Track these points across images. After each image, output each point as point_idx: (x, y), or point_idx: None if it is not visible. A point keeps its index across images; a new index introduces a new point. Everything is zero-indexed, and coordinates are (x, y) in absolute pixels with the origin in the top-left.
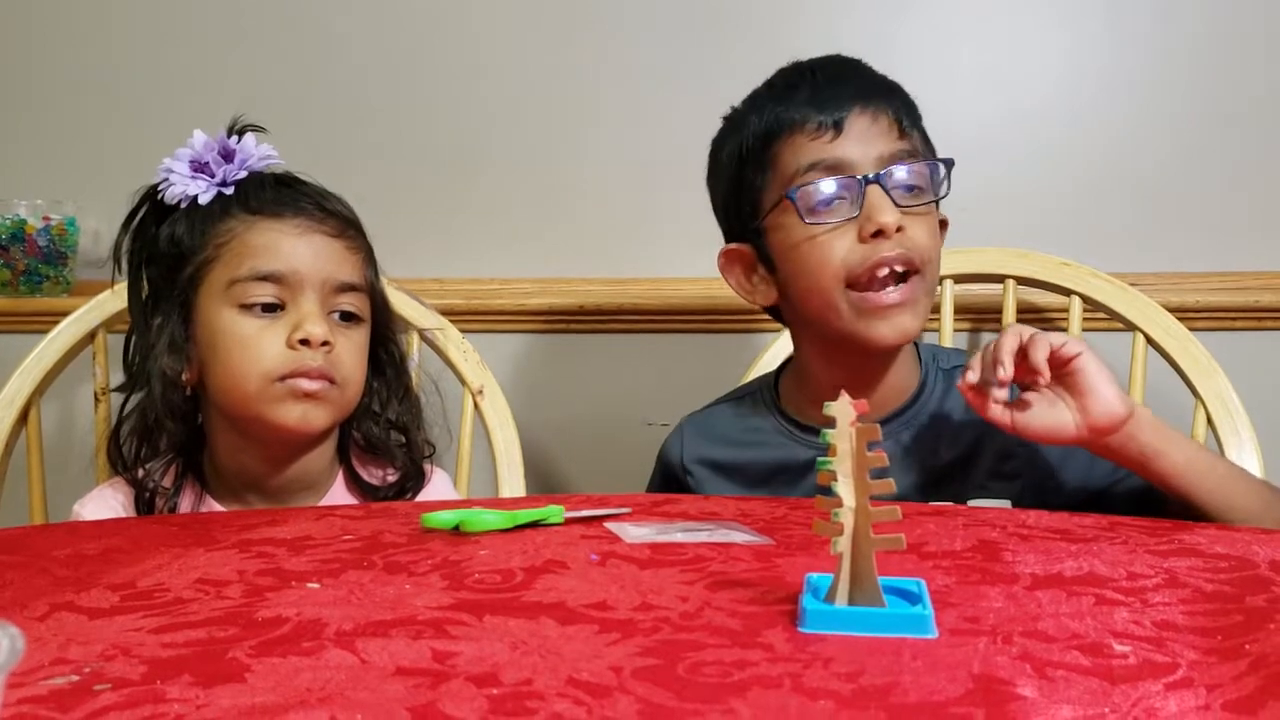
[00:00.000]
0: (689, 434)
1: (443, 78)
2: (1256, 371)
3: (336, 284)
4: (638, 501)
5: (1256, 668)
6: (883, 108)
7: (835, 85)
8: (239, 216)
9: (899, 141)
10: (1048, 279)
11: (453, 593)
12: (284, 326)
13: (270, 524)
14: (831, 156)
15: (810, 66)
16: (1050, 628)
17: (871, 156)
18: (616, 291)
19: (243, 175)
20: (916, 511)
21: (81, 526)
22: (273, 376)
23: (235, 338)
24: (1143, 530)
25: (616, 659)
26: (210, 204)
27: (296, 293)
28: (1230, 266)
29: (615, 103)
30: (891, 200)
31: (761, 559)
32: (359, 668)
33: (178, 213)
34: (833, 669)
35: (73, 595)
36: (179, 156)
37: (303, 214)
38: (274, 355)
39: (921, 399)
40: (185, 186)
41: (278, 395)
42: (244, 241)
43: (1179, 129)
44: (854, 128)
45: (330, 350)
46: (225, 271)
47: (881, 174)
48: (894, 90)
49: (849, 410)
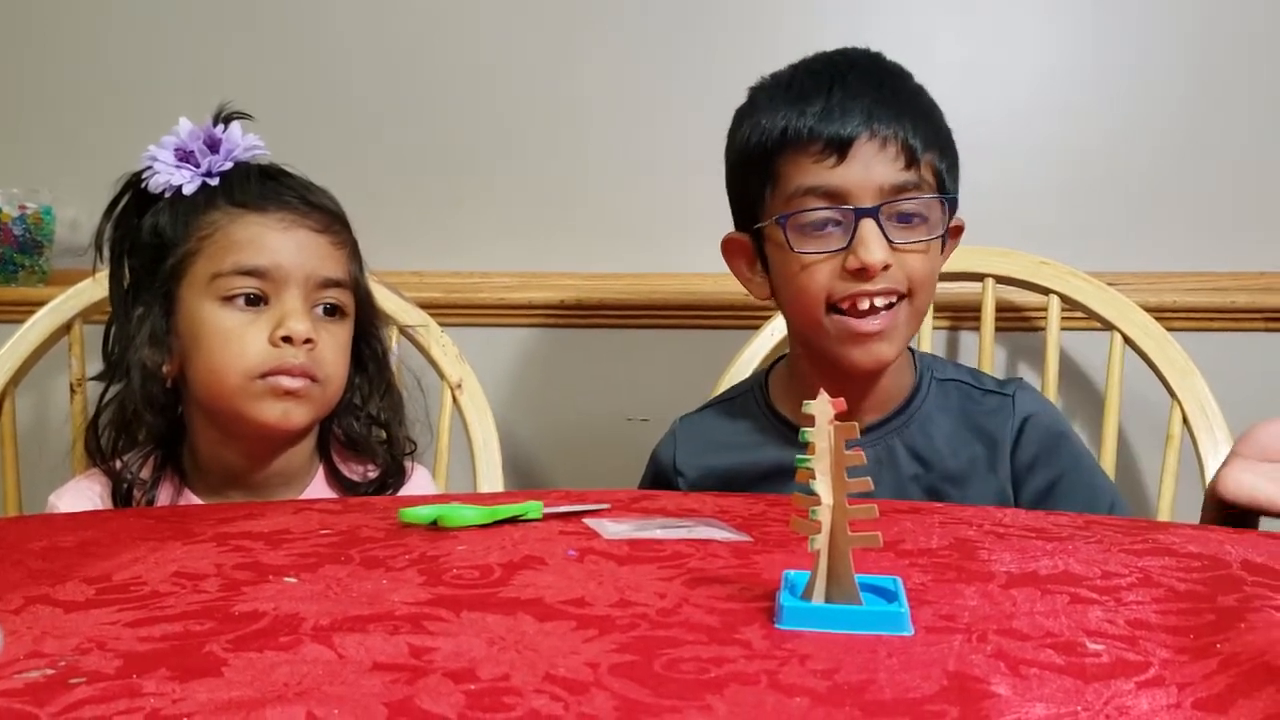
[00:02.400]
0: (681, 437)
1: (426, 71)
2: (1233, 372)
3: (320, 279)
4: (617, 498)
5: (1227, 666)
6: (893, 133)
7: (850, 102)
8: (223, 209)
9: (904, 172)
10: (1026, 278)
11: (430, 588)
12: (267, 322)
13: (248, 517)
14: (830, 184)
15: (831, 73)
16: (1025, 626)
17: (872, 187)
18: (598, 287)
19: (228, 166)
20: (893, 509)
21: (57, 519)
22: (254, 373)
23: (217, 332)
24: (1118, 529)
25: (594, 655)
26: (195, 195)
27: (280, 288)
28: (1208, 267)
29: (599, 98)
30: (884, 236)
31: (739, 556)
32: (336, 663)
33: (161, 202)
34: (809, 666)
35: (48, 588)
36: (164, 144)
37: (287, 208)
38: (256, 352)
39: (912, 407)
40: (170, 176)
41: (258, 392)
42: (227, 234)
43: (1159, 130)
44: (859, 155)
45: (313, 347)
46: (208, 265)
47: (877, 208)
48: (912, 108)
49: (827, 409)
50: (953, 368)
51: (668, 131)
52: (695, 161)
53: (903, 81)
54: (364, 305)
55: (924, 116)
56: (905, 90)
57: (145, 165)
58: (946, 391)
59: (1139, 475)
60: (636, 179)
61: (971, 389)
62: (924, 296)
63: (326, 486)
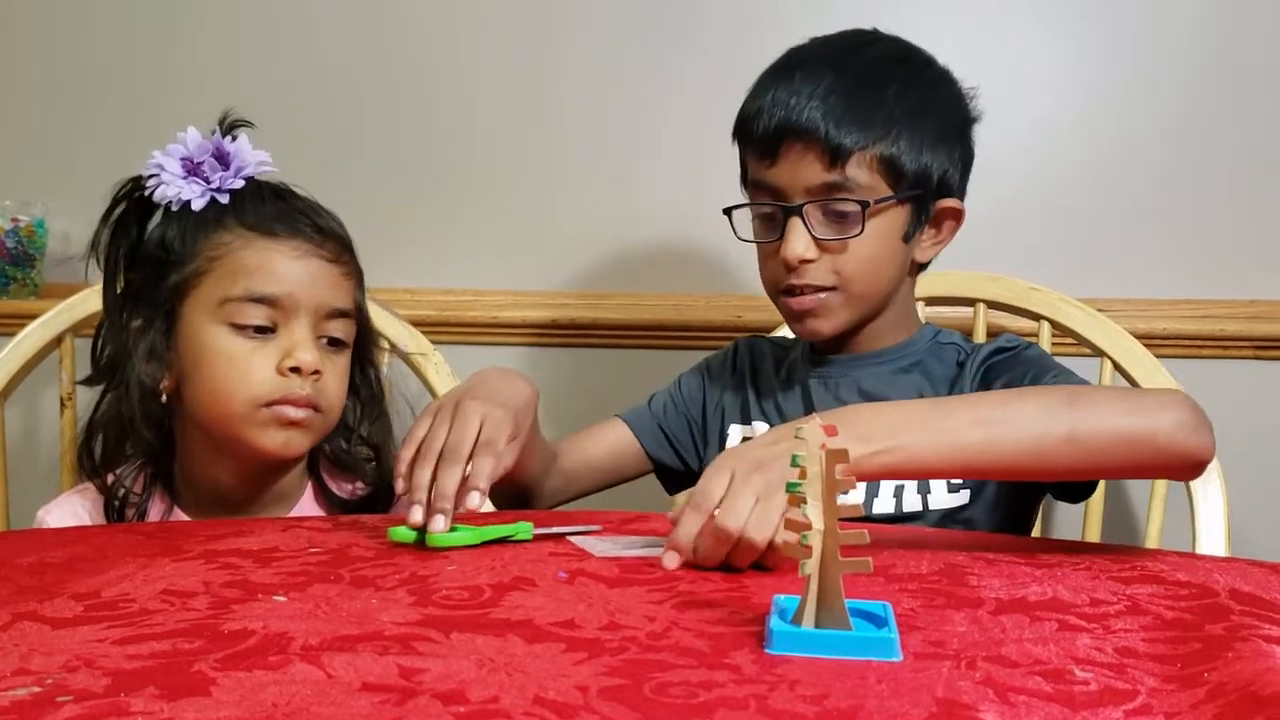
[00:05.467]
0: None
1: (421, 89)
2: (1221, 399)
3: (329, 310)
4: (607, 519)
5: (1214, 696)
6: (814, 139)
7: (791, 98)
8: (235, 230)
9: (827, 173)
10: (1017, 303)
11: (420, 608)
12: (274, 351)
13: (237, 535)
14: (767, 181)
15: (794, 65)
16: (1013, 653)
17: (800, 187)
18: (590, 306)
19: (239, 184)
20: (884, 535)
21: (46, 534)
22: (260, 401)
23: (223, 356)
24: (1106, 556)
25: (583, 678)
26: (204, 211)
27: (290, 316)
28: (1198, 294)
29: (592, 118)
30: (810, 233)
31: (729, 579)
32: (325, 683)
33: (166, 214)
34: (798, 691)
35: (36, 604)
36: (171, 153)
37: (300, 235)
38: (262, 380)
39: (900, 349)
40: (179, 189)
41: (262, 420)
42: (240, 259)
43: (1150, 158)
44: (787, 155)
45: (319, 378)
46: (218, 287)
47: (800, 207)
48: (864, 103)
49: (819, 434)
50: (960, 337)
51: (661, 152)
52: (689, 182)
53: (870, 73)
54: (363, 332)
55: (875, 110)
56: (866, 83)
57: (151, 173)
58: (939, 353)
59: (1127, 502)
60: (630, 199)
61: (961, 348)
62: (860, 285)
63: (315, 504)
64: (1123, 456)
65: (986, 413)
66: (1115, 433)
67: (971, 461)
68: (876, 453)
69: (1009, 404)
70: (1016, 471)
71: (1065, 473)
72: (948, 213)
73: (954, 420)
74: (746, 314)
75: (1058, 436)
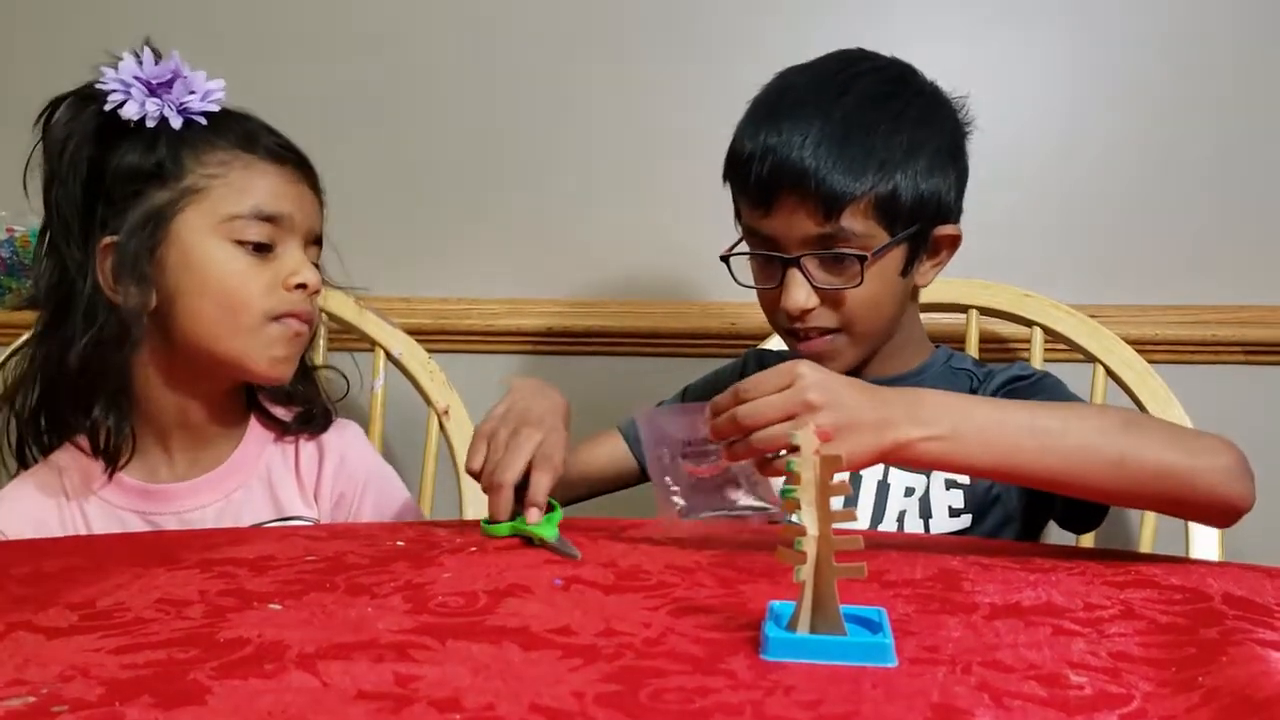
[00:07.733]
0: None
1: (415, 98)
2: (1212, 404)
3: (315, 235)
4: (598, 527)
5: (1209, 700)
6: (807, 192)
7: (776, 149)
8: (231, 151)
9: (821, 226)
10: (1010, 310)
11: (415, 615)
12: (274, 269)
13: (232, 543)
14: (762, 230)
15: (782, 104)
16: (1008, 658)
17: (795, 238)
18: (586, 313)
19: (213, 108)
20: (878, 540)
21: (42, 543)
22: (270, 315)
23: (230, 271)
24: (1100, 561)
25: (579, 685)
26: (184, 130)
27: (287, 236)
28: (1189, 300)
29: (589, 126)
30: (809, 283)
31: (725, 585)
32: (320, 691)
33: (138, 131)
34: (794, 697)
35: (30, 614)
36: (125, 71)
37: (289, 162)
38: (271, 294)
39: (912, 375)
40: (156, 106)
41: (270, 335)
42: (245, 178)
43: (1141, 164)
44: (780, 209)
45: (318, 298)
46: (221, 205)
47: (798, 259)
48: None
49: (812, 439)
50: (971, 362)
51: (657, 159)
52: (684, 189)
53: (858, 116)
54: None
55: (867, 157)
56: (856, 126)
57: (113, 88)
58: (952, 379)
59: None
60: (625, 207)
61: (973, 374)
62: (864, 325)
63: (263, 430)
64: (1162, 490)
65: (1045, 423)
66: (1160, 466)
67: (1019, 468)
68: (931, 438)
69: (1068, 418)
70: (1058, 485)
71: (1103, 495)
72: (945, 240)
73: (1011, 424)
74: (740, 321)
75: (1108, 459)
